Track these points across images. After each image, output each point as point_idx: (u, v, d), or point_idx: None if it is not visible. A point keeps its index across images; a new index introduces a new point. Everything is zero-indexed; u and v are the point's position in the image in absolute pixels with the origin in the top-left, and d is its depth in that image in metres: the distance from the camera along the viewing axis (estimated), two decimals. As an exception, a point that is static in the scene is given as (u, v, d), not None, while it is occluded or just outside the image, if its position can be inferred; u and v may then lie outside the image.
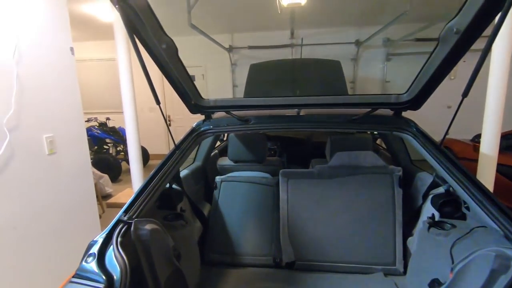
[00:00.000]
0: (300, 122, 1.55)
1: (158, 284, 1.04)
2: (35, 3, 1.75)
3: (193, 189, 1.92)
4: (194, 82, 1.49)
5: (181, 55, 1.28)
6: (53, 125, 1.88)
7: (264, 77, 3.08)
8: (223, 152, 2.79)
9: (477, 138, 3.51)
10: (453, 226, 1.23)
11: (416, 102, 1.36)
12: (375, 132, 2.79)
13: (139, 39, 1.11)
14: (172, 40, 1.20)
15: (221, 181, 1.98)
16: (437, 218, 1.32)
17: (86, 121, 5.44)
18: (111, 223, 1.02)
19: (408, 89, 1.35)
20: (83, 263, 0.89)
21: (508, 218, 0.96)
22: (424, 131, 1.39)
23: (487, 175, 2.35)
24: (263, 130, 1.57)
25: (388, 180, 1.70)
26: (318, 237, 1.71)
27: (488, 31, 0.99)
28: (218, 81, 6.20)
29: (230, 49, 5.93)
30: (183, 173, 1.84)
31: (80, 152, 2.14)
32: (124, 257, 0.88)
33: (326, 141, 1.95)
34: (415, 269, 1.36)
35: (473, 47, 1.05)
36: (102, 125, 5.56)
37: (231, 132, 1.85)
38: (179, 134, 1.48)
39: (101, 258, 0.90)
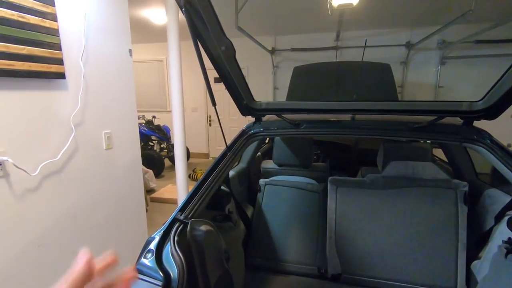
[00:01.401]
0: (354, 128, 1.47)
1: (209, 285, 1.04)
2: (100, 6, 1.87)
3: (238, 190, 1.92)
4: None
5: None
6: (111, 122, 2.01)
7: (309, 80, 3.01)
8: (266, 154, 2.77)
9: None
10: (537, 254, 1.07)
11: (494, 111, 1.22)
12: (428, 141, 2.58)
13: (200, 42, 1.13)
14: (231, 42, 1.19)
15: (265, 184, 1.96)
16: (514, 243, 1.16)
17: (135, 119, 5.83)
18: (167, 221, 1.04)
19: (485, 96, 1.21)
20: (143, 258, 0.91)
21: None
22: (501, 144, 1.24)
23: None
24: (314, 135, 1.52)
25: (451, 195, 1.55)
26: (368, 251, 1.61)
27: None
28: (260, 83, 6.23)
29: (272, 51, 5.92)
30: (230, 174, 1.84)
31: (133, 148, 2.25)
32: (181, 256, 0.89)
33: (374, 148, 1.83)
34: (484, 297, 1.21)
35: None
36: (149, 123, 5.86)
37: (281, 136, 1.82)
38: (220, 135, 1.48)
39: (158, 255, 0.92)
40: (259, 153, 2.64)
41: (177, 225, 1.00)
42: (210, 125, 6.86)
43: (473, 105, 1.25)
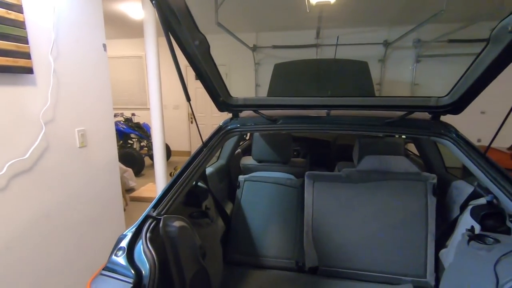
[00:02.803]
0: (330, 124, 1.50)
1: (184, 282, 1.03)
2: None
3: (217, 187, 1.92)
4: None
5: None
6: (85, 119, 1.94)
7: (289, 77, 3.03)
8: (246, 151, 2.78)
9: (515, 147, 3.29)
10: (497, 240, 1.14)
11: (458, 106, 1.28)
12: (403, 136, 2.67)
13: (173, 36, 1.11)
14: (205, 37, 1.19)
15: (245, 181, 1.97)
16: (477, 231, 1.23)
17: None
18: (140, 218, 1.02)
19: (450, 91, 1.27)
20: (113, 256, 0.90)
21: None
22: (465, 137, 1.30)
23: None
24: (291, 131, 1.54)
25: (421, 187, 1.61)
26: (344, 243, 1.65)
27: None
28: (241, 80, 6.21)
29: (254, 48, 5.92)
30: (207, 170, 1.83)
31: (109, 146, 2.19)
32: (153, 252, 0.88)
33: (352, 144, 1.88)
34: (450, 283, 1.27)
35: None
36: (128, 120, 5.72)
37: (258, 132, 1.83)
38: (201, 132, 1.47)
39: (130, 252, 0.91)
40: (239, 150, 2.65)
41: (149, 221, 0.98)
42: (192, 122, 6.78)
43: (440, 100, 1.31)
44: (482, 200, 1.29)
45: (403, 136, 2.71)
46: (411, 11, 4.28)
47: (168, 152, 6.17)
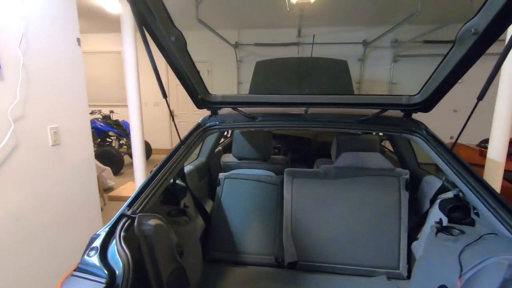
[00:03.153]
0: (307, 121, 1.53)
1: (160, 281, 1.03)
2: (43, -8, 1.73)
3: (197, 185, 1.91)
4: (200, 77, 1.47)
5: (189, 49, 1.26)
6: (58, 116, 1.87)
7: (270, 75, 3.05)
8: (227, 148, 2.77)
9: (483, 143, 3.47)
10: (462, 232, 1.20)
11: (428, 104, 1.33)
12: (380, 134, 2.76)
13: (148, 31, 1.09)
14: (181, 33, 1.17)
15: (225, 178, 1.97)
16: (445, 223, 1.29)
17: (89, 113, 5.47)
18: (114, 217, 1.00)
19: (420, 90, 1.32)
20: (85, 256, 0.88)
21: None
22: (434, 134, 1.36)
23: (493, 181, 2.31)
24: (270, 128, 1.55)
25: (394, 183, 1.67)
26: (322, 238, 1.69)
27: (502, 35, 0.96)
28: (223, 77, 6.17)
29: (236, 46, 5.89)
30: (187, 168, 1.82)
31: (84, 144, 2.12)
32: (127, 252, 0.87)
33: (331, 141, 1.92)
34: (420, 274, 1.33)
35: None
36: (106, 118, 5.56)
37: (237, 129, 1.83)
38: (183, 130, 1.46)
39: (103, 252, 0.89)
40: (220, 147, 2.64)
41: (123, 220, 0.97)
42: (172, 120, 6.67)
43: (411, 98, 1.36)
44: (450, 194, 1.36)
45: (380, 134, 2.80)
46: (388, 12, 4.41)
47: (149, 150, 6.05)
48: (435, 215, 1.38)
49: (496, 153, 2.27)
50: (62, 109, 1.90)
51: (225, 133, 3.32)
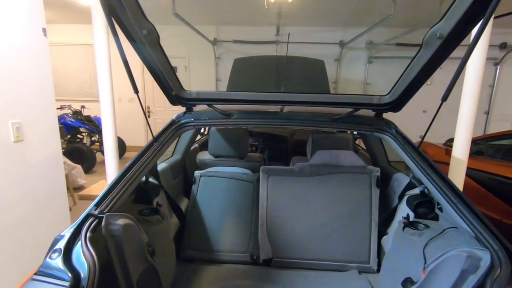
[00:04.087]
0: (282, 119, 1.54)
1: (130, 282, 0.99)
2: (3, -23, 1.61)
3: (171, 183, 1.87)
4: (177, 73, 1.44)
5: (163, 44, 1.22)
6: (21, 110, 1.76)
7: (248, 72, 3.04)
8: (204, 146, 2.74)
9: (449, 142, 3.66)
10: (427, 226, 1.26)
11: (397, 104, 1.38)
12: (355, 132, 2.84)
13: (117, 23, 1.05)
14: (153, 27, 1.14)
15: (200, 176, 1.94)
16: (411, 218, 1.35)
17: (58, 108, 5.19)
18: (80, 217, 0.96)
19: (390, 91, 1.37)
20: (47, 259, 0.83)
21: (479, 220, 0.99)
22: (403, 133, 1.42)
23: (457, 178, 2.45)
24: (245, 125, 1.55)
25: (366, 180, 1.73)
26: (296, 235, 1.72)
27: (466, 40, 1.02)
28: (201, 74, 6.08)
29: (214, 42, 5.82)
30: (161, 166, 1.78)
31: (51, 141, 2.01)
32: (93, 253, 0.83)
33: (307, 139, 1.95)
34: (388, 267, 1.39)
35: (452, 54, 1.08)
36: (76, 113, 5.30)
37: (212, 126, 1.81)
38: (159, 127, 1.42)
39: (67, 254, 0.85)
40: (196, 145, 2.60)
41: (90, 220, 0.93)
42: (149, 116, 6.49)
43: (382, 98, 1.41)
44: (416, 190, 1.43)
45: (355, 133, 2.88)
46: (363, 14, 4.54)
47: (123, 147, 5.86)
48: (403, 210, 1.45)
49: (459, 151, 2.41)
50: (26, 104, 1.79)
51: (202, 130, 3.28)
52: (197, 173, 1.95)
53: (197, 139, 2.75)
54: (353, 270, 1.66)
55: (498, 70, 5.61)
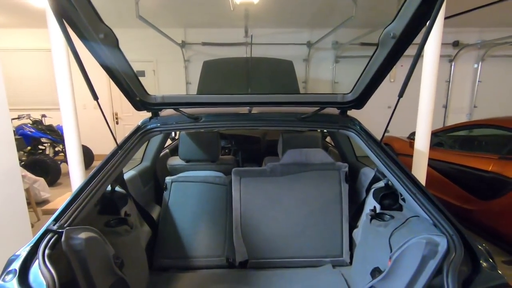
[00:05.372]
0: (251, 120, 1.54)
1: (97, 297, 0.95)
2: None
3: (141, 191, 1.81)
4: (144, 77, 1.40)
5: (128, 48, 1.18)
6: (-32, 122, 1.62)
7: (217, 75, 3.02)
8: (174, 151, 2.68)
9: (412, 136, 3.88)
10: (392, 217, 1.32)
11: (360, 101, 1.44)
12: (324, 130, 2.91)
13: (70, 26, 1.00)
14: (110, 30, 1.10)
15: (172, 182, 1.90)
16: (378, 210, 1.41)
17: (16, 119, 4.84)
18: (38, 233, 0.90)
19: (352, 89, 1.42)
20: (0, 282, 0.77)
21: (436, 208, 1.06)
22: (366, 129, 1.48)
23: (420, 169, 2.59)
24: (214, 128, 1.53)
25: (335, 176, 1.78)
26: (271, 235, 1.73)
27: (419, 39, 1.08)
28: (171, 77, 5.95)
29: (183, 45, 5.73)
30: (128, 174, 1.71)
31: (5, 153, 1.87)
32: (53, 272, 0.78)
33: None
34: (359, 259, 1.44)
35: (411, 53, 1.14)
36: (37, 123, 4.98)
37: (180, 130, 1.78)
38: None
39: (23, 274, 0.79)
40: (167, 150, 2.54)
41: (49, 236, 0.87)
42: (117, 123, 6.25)
43: (345, 97, 1.46)
44: (381, 183, 1.49)
45: (325, 131, 2.95)
46: (327, 16, 4.69)
47: (90, 156, 5.59)
48: (370, 203, 1.51)
49: (421, 144, 2.55)
50: (-26, 115, 1.66)
51: (173, 135, 3.21)
52: (168, 179, 1.90)
53: (167, 144, 2.69)
54: (327, 264, 1.70)
55: (452, 67, 6.02)
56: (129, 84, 1.33)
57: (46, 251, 0.83)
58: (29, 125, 4.88)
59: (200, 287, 1.52)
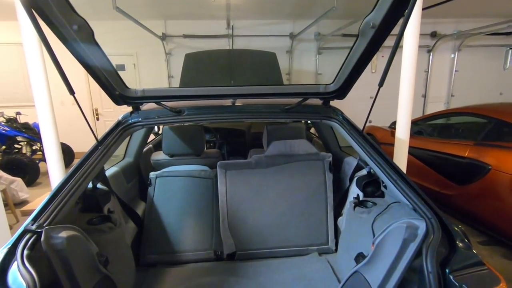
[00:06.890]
0: (235, 113, 1.53)
1: (82, 296, 0.93)
2: None
3: (124, 187, 1.77)
4: (125, 71, 1.35)
5: (106, 40, 1.14)
6: None
7: (200, 67, 2.98)
8: (158, 146, 2.64)
9: (393, 125, 3.98)
10: (374, 203, 1.36)
11: (342, 91, 1.46)
12: (308, 121, 2.94)
13: (41, 17, 0.95)
14: (85, 21, 1.05)
15: (156, 177, 1.87)
16: (361, 197, 1.45)
17: (-13, 117, 4.62)
18: (15, 234, 0.87)
19: (334, 79, 1.44)
20: (-23, 285, 0.74)
21: (416, 193, 1.10)
22: (349, 119, 1.50)
23: (401, 157, 2.67)
24: (197, 121, 1.52)
25: (320, 166, 1.81)
26: (258, 226, 1.74)
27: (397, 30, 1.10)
28: (152, 71, 5.81)
29: (163, 37, 5.59)
30: (110, 171, 1.67)
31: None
32: (33, 272, 0.76)
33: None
34: (344, 246, 1.48)
35: (391, 43, 1.16)
36: (11, 121, 4.76)
37: (162, 125, 1.74)
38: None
39: (1, 276, 0.77)
40: (150, 145, 2.50)
41: (27, 237, 0.84)
42: (97, 119, 6.06)
43: (327, 87, 1.47)
44: (364, 171, 1.53)
45: (309, 122, 2.98)
46: (309, 7, 4.68)
47: (70, 154, 5.41)
48: (354, 191, 1.54)
49: (401, 132, 2.63)
50: None
51: (157, 130, 3.15)
52: (152, 174, 1.87)
53: (150, 139, 2.64)
54: (313, 252, 1.74)
55: (431, 57, 6.18)
56: (107, 78, 1.28)
57: (25, 252, 0.80)
58: (2, 123, 4.67)
59: (188, 280, 1.52)
